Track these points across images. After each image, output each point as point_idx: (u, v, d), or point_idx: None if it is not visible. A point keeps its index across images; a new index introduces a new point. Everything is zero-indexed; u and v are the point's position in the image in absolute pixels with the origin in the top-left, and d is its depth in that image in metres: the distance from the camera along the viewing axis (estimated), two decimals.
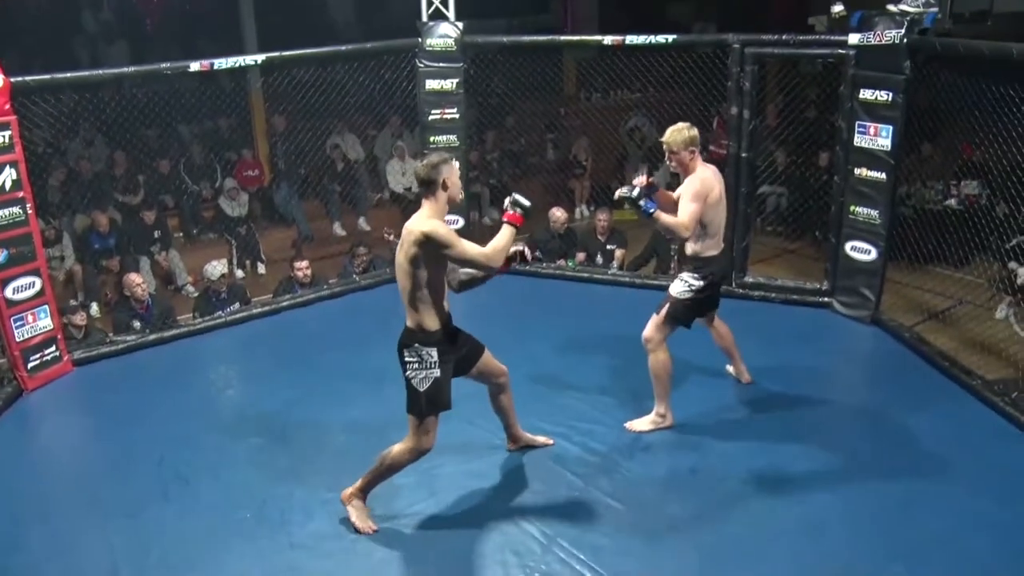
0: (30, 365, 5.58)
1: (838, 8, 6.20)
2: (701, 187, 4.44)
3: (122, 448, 4.82)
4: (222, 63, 6.32)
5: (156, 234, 8.35)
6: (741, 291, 6.63)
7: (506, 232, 3.77)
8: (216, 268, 6.93)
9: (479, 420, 4.65)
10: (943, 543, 3.79)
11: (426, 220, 3.65)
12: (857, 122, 5.97)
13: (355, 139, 9.99)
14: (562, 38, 7.81)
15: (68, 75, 6.15)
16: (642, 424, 4.74)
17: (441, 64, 7.11)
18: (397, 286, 3.76)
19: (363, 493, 4.02)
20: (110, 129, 8.45)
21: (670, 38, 6.57)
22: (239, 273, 8.49)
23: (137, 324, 6.56)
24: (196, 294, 7.53)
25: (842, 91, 6.10)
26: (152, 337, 6.24)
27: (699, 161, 4.54)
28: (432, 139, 7.28)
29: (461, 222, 7.41)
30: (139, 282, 6.71)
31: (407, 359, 3.79)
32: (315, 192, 9.31)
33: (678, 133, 4.47)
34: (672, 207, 4.60)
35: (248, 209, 9.05)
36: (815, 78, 8.79)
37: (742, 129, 6.40)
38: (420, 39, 7.05)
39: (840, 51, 6.01)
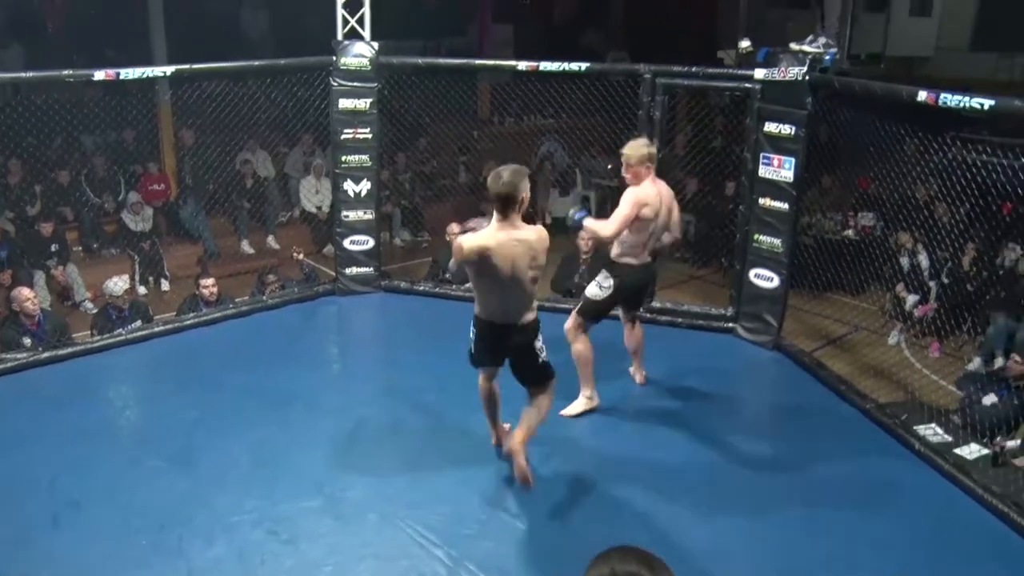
0: None
1: (745, 44, 6.43)
2: (637, 197, 4.73)
3: (9, 472, 4.55)
4: (129, 73, 6.13)
5: (53, 247, 8.02)
6: (648, 315, 6.72)
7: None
8: (117, 284, 6.68)
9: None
10: (841, 565, 3.91)
11: (535, 228, 4.01)
12: (762, 154, 6.17)
13: (266, 156, 9.84)
14: (477, 62, 7.87)
15: None
16: (575, 408, 5.06)
17: (355, 83, 7.05)
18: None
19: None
20: (3, 136, 8.10)
21: (583, 66, 6.69)
22: (141, 290, 8.22)
23: (28, 341, 6.26)
24: (95, 310, 7.25)
25: (748, 123, 6.31)
26: (45, 355, 5.96)
27: (651, 178, 4.84)
28: (344, 158, 7.20)
29: (371, 243, 7.34)
30: (29, 296, 6.40)
31: (539, 344, 4.20)
32: (223, 209, 9.11)
33: (637, 149, 4.80)
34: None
35: (153, 224, 8.78)
36: (723, 110, 9.08)
37: None
38: (335, 57, 6.99)
39: (746, 85, 6.22)
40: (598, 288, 5.01)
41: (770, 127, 6.08)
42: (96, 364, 6.00)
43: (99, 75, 5.98)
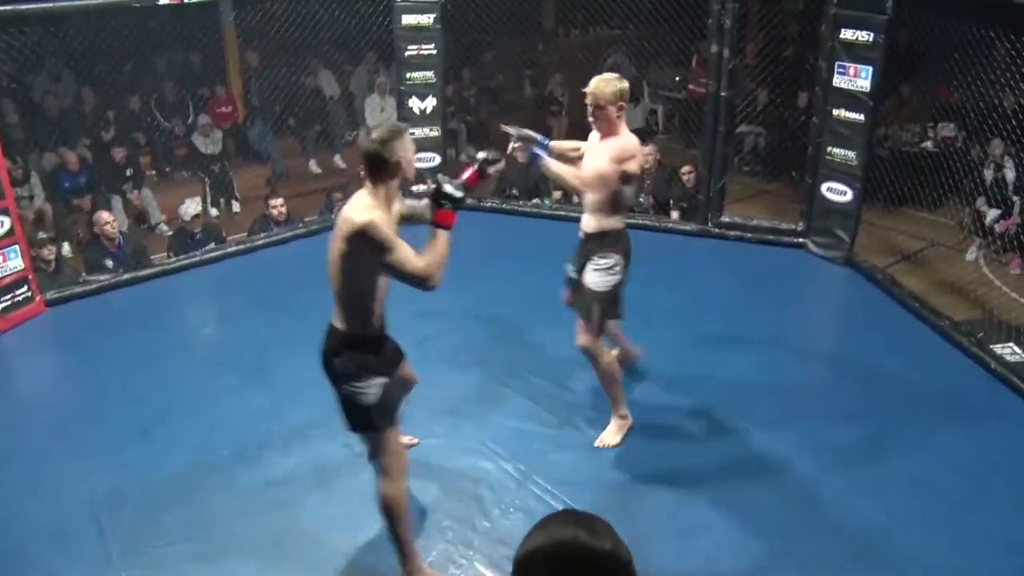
0: (1, 306, 5.53)
1: None
2: (624, 152, 3.77)
3: (98, 388, 4.82)
4: None
5: (128, 172, 8.21)
6: (717, 230, 6.66)
7: (442, 240, 2.97)
8: (190, 208, 6.85)
9: None
10: (910, 479, 3.89)
11: (366, 210, 2.91)
12: (837, 62, 5.93)
13: (330, 75, 9.83)
14: None
15: (31, 6, 5.98)
16: (612, 436, 4.18)
17: None
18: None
19: (407, 560, 3.30)
20: (77, 64, 8.24)
21: None
22: (213, 211, 8.40)
23: (109, 263, 6.49)
24: (170, 233, 7.46)
25: (823, 30, 6.05)
26: (126, 277, 6.18)
27: (624, 123, 3.88)
28: (408, 75, 7.17)
29: (437, 159, 7.34)
30: (108, 220, 6.62)
31: (341, 371, 3.12)
32: (290, 129, 9.18)
33: (607, 84, 3.80)
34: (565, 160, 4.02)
35: (222, 146, 8.91)
36: (796, 16, 8.71)
37: (722, 68, 6.34)
38: None
39: None
40: (609, 275, 3.93)
41: (846, 34, 5.82)
42: (173, 285, 6.21)
43: None
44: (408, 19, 7.02)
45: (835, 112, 6.02)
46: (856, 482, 3.88)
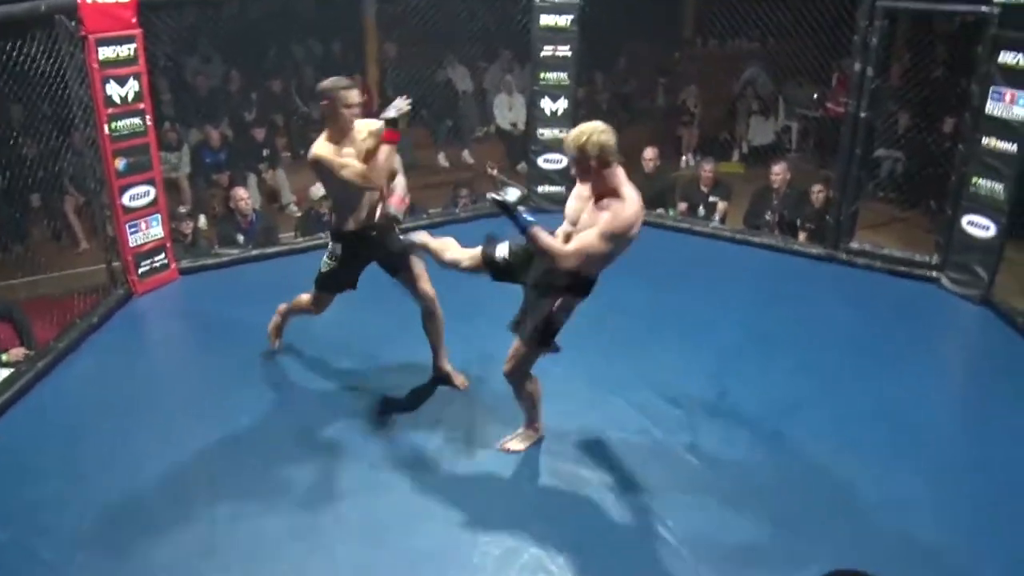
0: (141, 270, 5.85)
1: None
2: (620, 225, 3.39)
3: (222, 355, 5.02)
4: None
5: (264, 152, 8.55)
6: (845, 256, 6.41)
7: (384, 151, 4.05)
8: (319, 190, 7.07)
9: None
10: None
11: (316, 145, 4.07)
12: (992, 88, 5.60)
13: (465, 71, 9.97)
14: None
15: None
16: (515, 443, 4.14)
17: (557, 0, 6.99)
18: None
19: (278, 327, 4.90)
20: (227, 47, 8.65)
21: None
22: None
23: (240, 238, 6.77)
24: (299, 214, 7.72)
25: (979, 52, 5.73)
26: (255, 252, 6.44)
27: (621, 180, 3.42)
28: (542, 75, 7.20)
29: (565, 162, 7.33)
30: (244, 196, 6.91)
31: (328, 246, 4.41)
32: (422, 120, 9.37)
33: (579, 135, 3.37)
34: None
35: None
36: (948, 37, 8.31)
37: (864, 87, 6.11)
38: None
39: (983, 8, 5.59)
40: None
41: (1007, 57, 5.48)
42: (299, 264, 6.35)
43: None
44: (546, 19, 7.04)
45: (985, 141, 5.69)
46: (984, 546, 3.61)
